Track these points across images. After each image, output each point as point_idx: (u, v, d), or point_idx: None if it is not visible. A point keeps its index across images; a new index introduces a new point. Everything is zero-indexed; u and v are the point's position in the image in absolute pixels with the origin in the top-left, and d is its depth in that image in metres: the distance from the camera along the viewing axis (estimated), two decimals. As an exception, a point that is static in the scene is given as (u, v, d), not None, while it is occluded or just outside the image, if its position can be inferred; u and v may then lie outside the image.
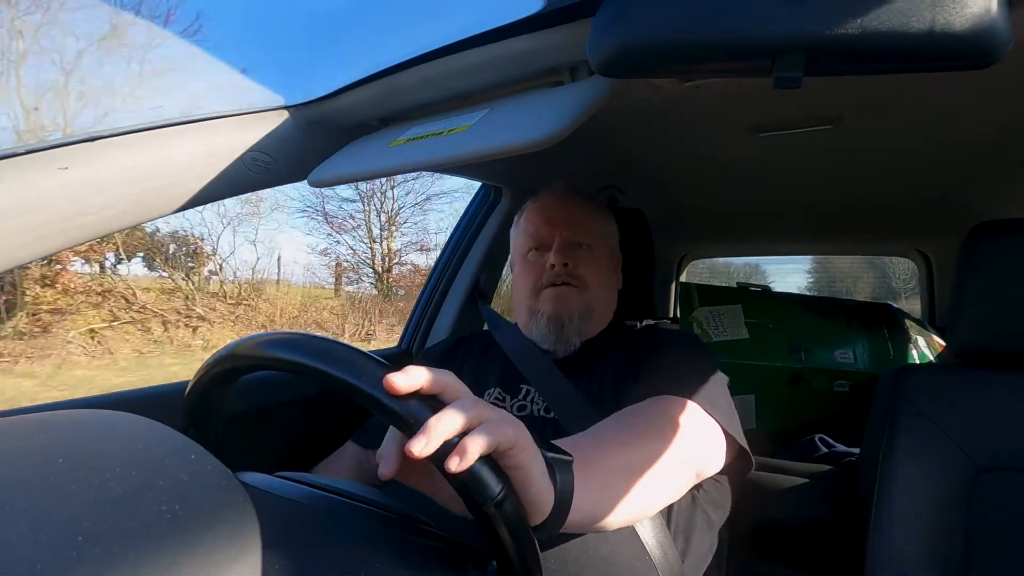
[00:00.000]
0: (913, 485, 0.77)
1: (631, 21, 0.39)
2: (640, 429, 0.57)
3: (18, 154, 0.49)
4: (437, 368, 0.37)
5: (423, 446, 0.33)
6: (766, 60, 0.37)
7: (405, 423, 0.34)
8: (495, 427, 0.35)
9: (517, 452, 0.37)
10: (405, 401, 0.34)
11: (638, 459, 0.53)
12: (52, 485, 0.28)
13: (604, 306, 0.88)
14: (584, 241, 0.86)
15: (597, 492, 0.46)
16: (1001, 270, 0.77)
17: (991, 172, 1.15)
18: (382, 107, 0.67)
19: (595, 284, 0.85)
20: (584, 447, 0.49)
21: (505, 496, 0.35)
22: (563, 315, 0.83)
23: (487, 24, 0.52)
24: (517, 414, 0.79)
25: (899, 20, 0.33)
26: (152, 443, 0.34)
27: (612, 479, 0.49)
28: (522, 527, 0.37)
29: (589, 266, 0.85)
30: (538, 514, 0.39)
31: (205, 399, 0.45)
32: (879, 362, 1.39)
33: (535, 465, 0.38)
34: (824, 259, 6.21)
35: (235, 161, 0.61)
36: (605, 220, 0.91)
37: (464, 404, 0.35)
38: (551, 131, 0.47)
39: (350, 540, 0.37)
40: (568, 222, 0.87)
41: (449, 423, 0.34)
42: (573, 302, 0.83)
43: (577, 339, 0.83)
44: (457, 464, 0.33)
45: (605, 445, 0.52)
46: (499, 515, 0.35)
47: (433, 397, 0.36)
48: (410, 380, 0.34)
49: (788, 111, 0.87)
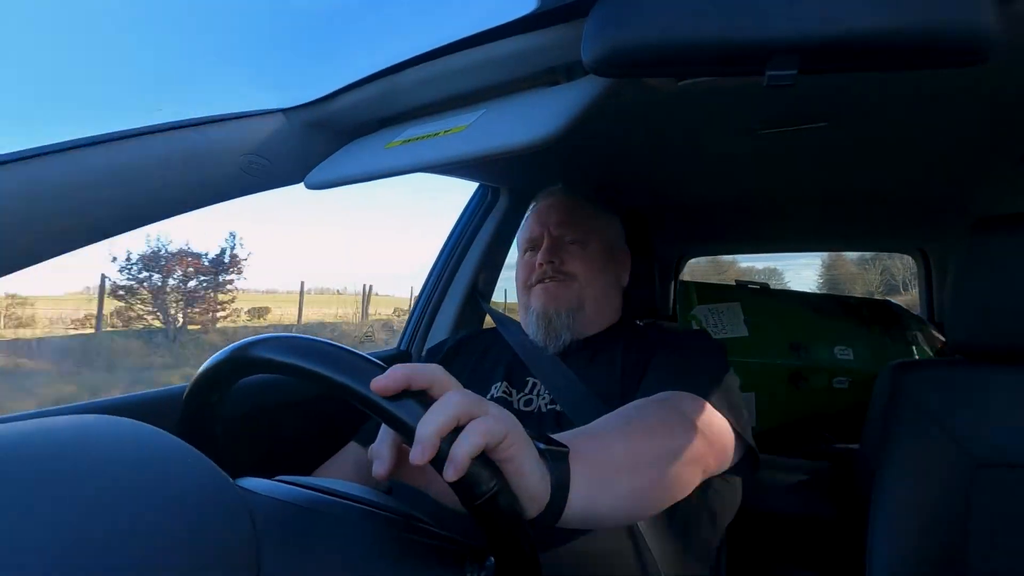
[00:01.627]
0: (912, 481, 0.77)
1: (625, 21, 0.39)
2: (646, 423, 0.55)
3: (17, 159, 0.49)
4: (422, 364, 0.37)
5: (421, 454, 0.33)
6: (759, 60, 0.37)
7: (397, 422, 0.34)
8: (483, 424, 0.35)
9: (508, 444, 0.36)
10: (395, 400, 0.34)
11: (642, 453, 0.51)
12: (50, 490, 0.28)
13: (599, 301, 0.87)
14: (574, 238, 0.87)
15: (596, 485, 0.45)
16: (1001, 266, 0.77)
17: (990, 168, 1.15)
18: (378, 108, 0.67)
19: (586, 279, 0.85)
20: (582, 439, 0.48)
21: (499, 490, 0.35)
22: (550, 310, 0.83)
23: (482, 24, 0.53)
24: (523, 408, 0.79)
25: (890, 18, 0.33)
26: (150, 448, 0.34)
27: (613, 473, 0.47)
28: (518, 521, 0.36)
29: (578, 262, 0.85)
30: (534, 507, 0.39)
31: (203, 403, 0.45)
32: (878, 359, 1.39)
33: (527, 457, 0.38)
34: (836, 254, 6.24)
35: (231, 164, 0.61)
36: (601, 217, 0.92)
37: (451, 399, 0.35)
38: (547, 131, 0.47)
39: (347, 541, 0.37)
40: (559, 222, 0.88)
41: (439, 423, 0.34)
42: (561, 298, 0.84)
43: (567, 334, 0.83)
44: (452, 473, 0.33)
45: (605, 437, 0.50)
46: (494, 509, 0.35)
47: (423, 392, 0.36)
48: (393, 381, 0.34)
49: (785, 108, 0.87)
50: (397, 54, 0.59)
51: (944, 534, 0.73)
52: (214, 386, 0.44)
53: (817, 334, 1.43)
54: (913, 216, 1.60)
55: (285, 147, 0.65)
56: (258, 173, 0.64)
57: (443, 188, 64.71)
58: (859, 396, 1.37)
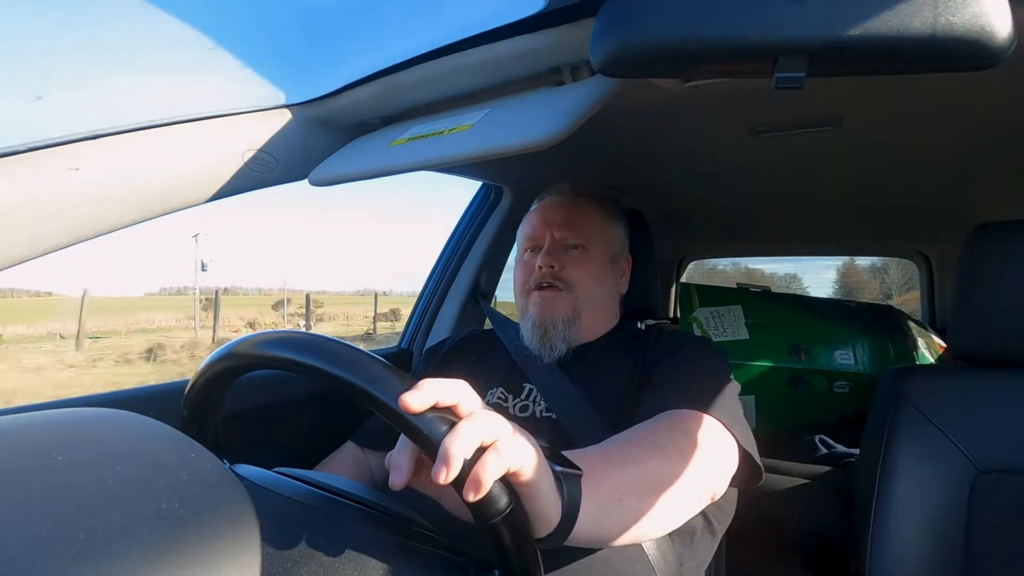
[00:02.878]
0: (913, 486, 0.77)
1: (633, 21, 0.39)
2: (656, 446, 0.56)
3: (19, 151, 0.49)
4: (449, 379, 0.37)
5: (445, 474, 0.33)
6: (768, 61, 0.37)
7: (421, 437, 0.34)
8: (507, 448, 0.36)
9: (528, 470, 0.37)
10: (421, 416, 0.34)
11: (651, 477, 0.52)
12: (52, 482, 0.28)
13: (596, 310, 0.85)
14: (578, 243, 0.84)
15: (604, 508, 0.46)
16: (1002, 272, 0.77)
17: (992, 173, 1.15)
18: (383, 106, 0.67)
19: (584, 288, 0.83)
20: (596, 461, 0.48)
21: (512, 510, 0.36)
22: (547, 320, 0.81)
23: (489, 23, 0.52)
24: (519, 414, 0.78)
25: (901, 21, 0.33)
26: (152, 441, 0.34)
27: (621, 496, 0.48)
28: (527, 539, 0.37)
29: (579, 269, 0.83)
30: (543, 527, 0.40)
31: (206, 397, 0.45)
32: (879, 363, 1.39)
33: (544, 482, 0.39)
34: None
35: (235, 160, 0.61)
36: (608, 222, 0.88)
37: (478, 420, 0.36)
38: (552, 131, 0.46)
39: (352, 544, 0.37)
40: (564, 223, 0.85)
41: (465, 443, 0.34)
42: (558, 307, 0.81)
43: (563, 345, 0.81)
44: (473, 495, 0.34)
45: (617, 460, 0.51)
46: (505, 528, 0.35)
47: (448, 409, 0.36)
48: (425, 397, 0.35)
49: (789, 112, 0.87)
50: (403, 52, 0.59)
51: (945, 540, 0.73)
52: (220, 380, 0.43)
53: (818, 338, 1.43)
54: (915, 220, 1.60)
55: (290, 143, 0.64)
56: (263, 169, 0.63)
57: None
58: (859, 401, 1.36)
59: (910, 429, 0.79)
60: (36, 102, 0.47)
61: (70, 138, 0.52)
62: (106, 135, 0.54)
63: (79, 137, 0.52)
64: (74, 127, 0.51)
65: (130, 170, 0.55)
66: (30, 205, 0.50)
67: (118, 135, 0.54)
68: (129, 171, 0.55)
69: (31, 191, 0.49)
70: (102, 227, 0.56)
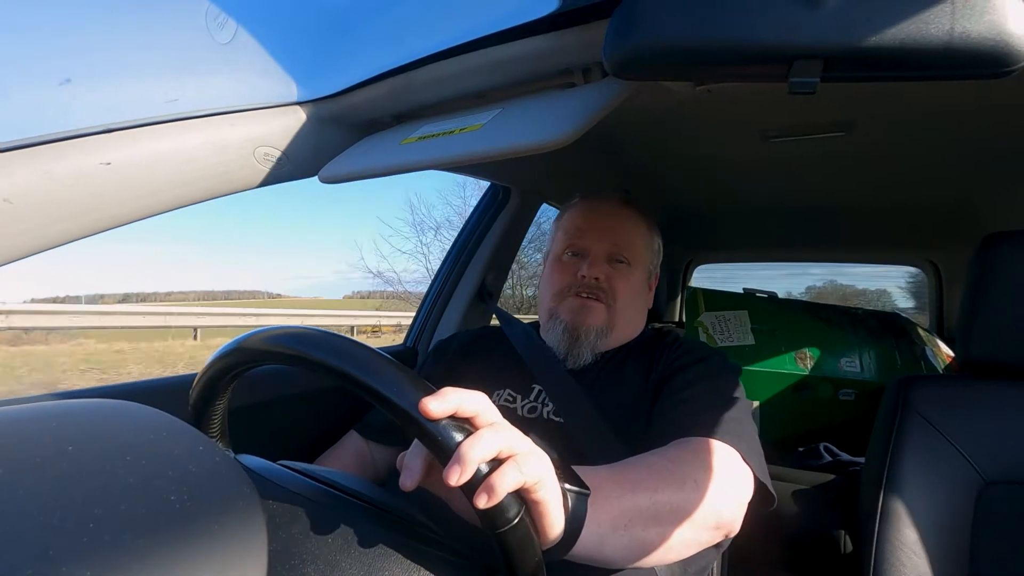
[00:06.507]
0: (918, 496, 0.76)
1: (647, 23, 0.39)
2: (673, 476, 0.54)
3: (29, 145, 0.49)
4: (470, 391, 0.37)
5: (458, 477, 0.34)
6: (782, 65, 0.37)
7: (438, 446, 0.35)
8: (523, 463, 0.36)
9: (541, 487, 0.37)
10: (439, 424, 0.35)
11: (663, 508, 0.51)
12: (63, 472, 0.28)
13: (626, 324, 0.85)
14: (625, 257, 0.84)
15: (608, 531, 0.46)
16: (1012, 281, 0.77)
17: (1004, 181, 1.14)
18: (395, 104, 0.67)
19: (623, 302, 0.83)
20: (607, 482, 0.48)
21: (520, 521, 0.36)
22: (581, 328, 0.81)
23: (501, 24, 0.52)
24: (527, 415, 0.78)
25: (917, 27, 0.33)
26: (161, 433, 0.34)
27: (627, 521, 0.48)
28: (532, 548, 0.38)
29: (622, 283, 0.83)
30: (544, 541, 0.40)
31: (213, 390, 0.45)
32: (886, 372, 1.38)
33: (554, 499, 0.39)
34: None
35: (246, 156, 0.61)
36: (650, 238, 0.89)
37: (496, 432, 0.36)
38: (563, 133, 0.47)
39: (358, 542, 0.37)
40: (614, 234, 0.84)
41: (481, 451, 0.35)
42: (595, 317, 0.81)
43: (589, 354, 0.81)
44: (485, 502, 0.34)
45: (628, 485, 0.50)
46: (511, 537, 0.36)
47: (466, 420, 0.36)
48: (445, 405, 0.35)
49: (800, 117, 0.87)
50: (415, 51, 0.59)
51: (950, 551, 0.73)
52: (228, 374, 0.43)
53: (824, 345, 1.42)
54: (926, 228, 1.59)
55: (300, 140, 0.65)
56: (273, 165, 0.64)
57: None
58: (865, 409, 1.35)
59: (916, 438, 0.79)
60: (64, 85, 0.48)
61: (82, 132, 0.52)
62: (118, 129, 0.54)
63: (93, 131, 0.52)
64: (88, 121, 0.52)
65: (141, 164, 0.55)
66: (44, 196, 0.50)
67: (130, 130, 0.55)
68: (140, 165, 0.55)
69: (46, 182, 0.50)
70: (114, 220, 0.56)
